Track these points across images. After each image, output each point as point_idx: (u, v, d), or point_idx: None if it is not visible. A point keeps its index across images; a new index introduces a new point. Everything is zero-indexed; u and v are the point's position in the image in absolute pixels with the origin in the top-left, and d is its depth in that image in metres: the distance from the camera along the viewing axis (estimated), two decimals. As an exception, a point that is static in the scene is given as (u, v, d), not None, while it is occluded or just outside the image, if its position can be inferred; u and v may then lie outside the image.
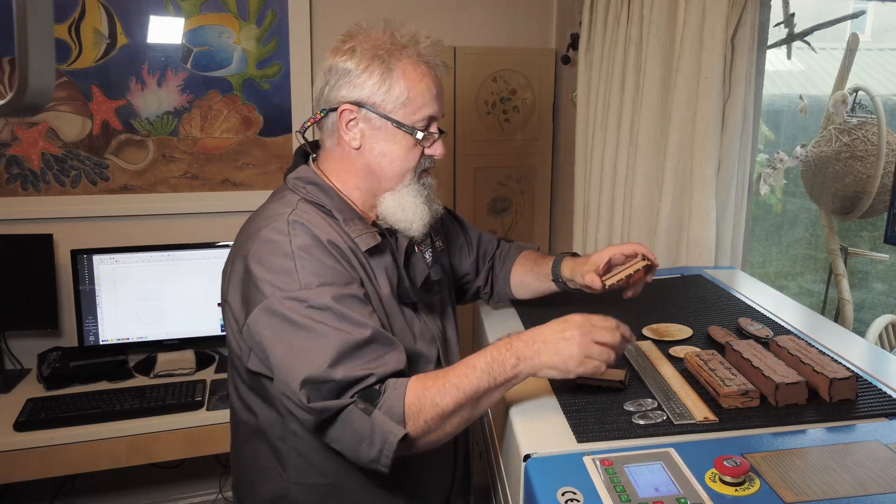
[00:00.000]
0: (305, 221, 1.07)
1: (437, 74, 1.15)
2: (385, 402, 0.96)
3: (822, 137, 1.93)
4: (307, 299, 0.99)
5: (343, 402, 0.96)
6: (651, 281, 1.29)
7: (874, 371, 1.09)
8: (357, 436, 0.96)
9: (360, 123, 1.11)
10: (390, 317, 1.13)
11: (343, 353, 0.97)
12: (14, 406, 1.99)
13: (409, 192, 1.13)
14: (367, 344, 0.99)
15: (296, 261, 1.02)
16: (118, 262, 2.20)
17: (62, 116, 2.22)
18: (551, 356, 0.96)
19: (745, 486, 0.79)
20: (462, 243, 1.43)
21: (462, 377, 0.97)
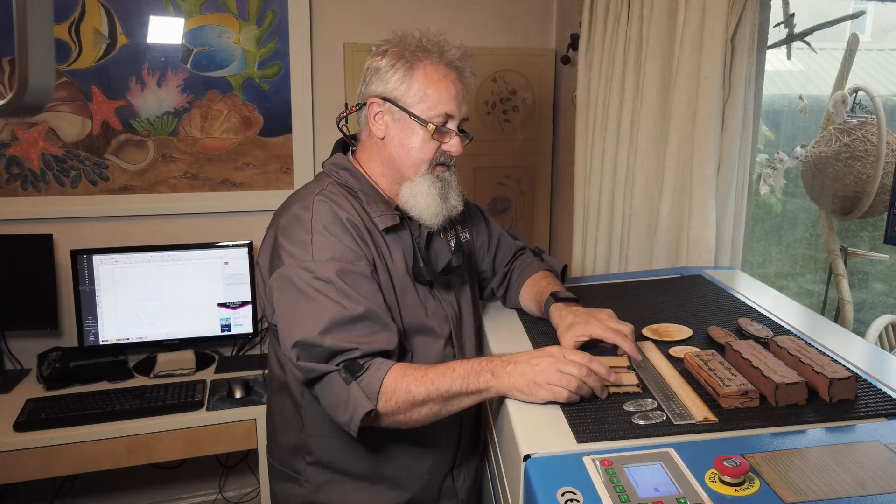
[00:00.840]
0: (329, 200, 1.20)
1: (462, 79, 1.25)
2: (365, 378, 1.08)
3: (822, 137, 1.93)
4: (315, 270, 1.12)
5: (328, 368, 1.09)
6: None
7: (874, 371, 1.09)
8: (335, 399, 1.09)
9: (386, 116, 1.24)
10: (404, 292, 1.23)
11: (336, 323, 1.09)
12: (14, 406, 1.99)
13: (423, 182, 1.24)
14: (359, 319, 1.11)
15: (312, 235, 1.16)
16: (118, 263, 2.20)
17: (62, 116, 2.23)
18: (519, 379, 1.03)
19: (745, 486, 0.79)
20: (483, 242, 1.51)
21: (440, 375, 1.08)
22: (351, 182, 1.26)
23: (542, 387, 1.01)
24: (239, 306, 2.31)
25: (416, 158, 1.24)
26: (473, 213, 1.51)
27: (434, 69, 1.22)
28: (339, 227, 1.17)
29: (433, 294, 1.29)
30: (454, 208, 1.28)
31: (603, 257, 2.15)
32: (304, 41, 2.38)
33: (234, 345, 2.47)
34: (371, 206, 1.24)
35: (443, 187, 1.25)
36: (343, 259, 1.14)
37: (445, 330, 1.29)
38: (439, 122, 1.22)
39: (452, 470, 1.37)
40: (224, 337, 2.33)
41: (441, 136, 1.24)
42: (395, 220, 1.24)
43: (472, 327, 1.37)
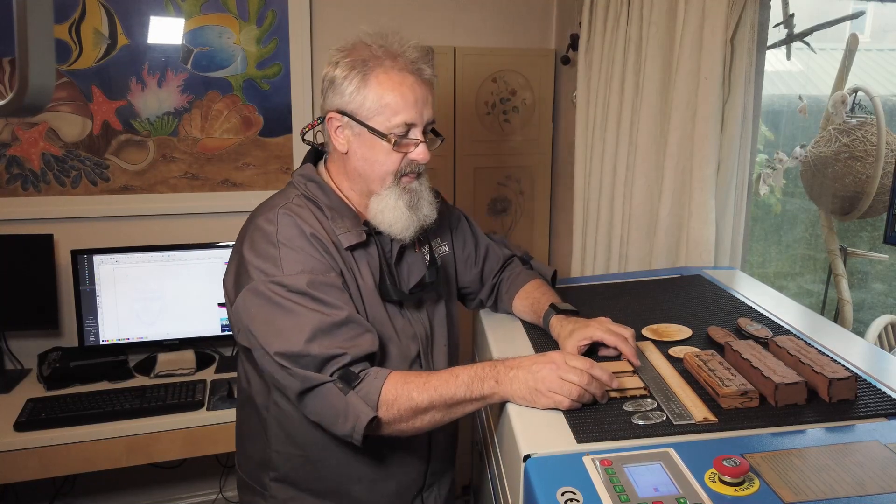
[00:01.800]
0: (294, 213, 1.17)
1: (422, 81, 1.19)
2: (363, 388, 1.06)
3: (822, 138, 1.93)
4: (288, 284, 1.10)
5: (323, 378, 1.06)
6: None
7: (873, 371, 1.09)
8: (333, 411, 1.06)
9: (346, 130, 1.20)
10: (371, 309, 1.20)
11: (318, 331, 1.07)
12: (14, 406, 1.99)
13: (389, 196, 1.20)
14: (342, 325, 1.09)
15: (280, 249, 1.13)
16: (118, 263, 2.20)
17: (62, 117, 2.23)
18: (521, 386, 1.03)
19: (745, 486, 0.79)
20: (469, 254, 1.46)
21: (443, 382, 1.06)
22: (318, 195, 1.22)
23: (543, 394, 1.01)
24: (239, 306, 2.30)
25: (380, 172, 1.19)
26: (457, 223, 1.46)
27: (388, 76, 1.15)
28: (303, 241, 1.15)
29: (402, 312, 1.25)
30: (426, 217, 1.23)
31: (603, 257, 2.15)
32: (304, 41, 2.39)
33: (234, 345, 2.47)
34: (336, 222, 1.20)
35: (411, 199, 1.20)
36: (313, 271, 1.12)
37: (413, 349, 1.26)
38: (400, 133, 1.17)
39: (422, 492, 1.34)
40: (224, 337, 2.34)
41: (405, 147, 1.18)
42: (360, 238, 1.20)
43: (444, 345, 1.33)
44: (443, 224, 1.39)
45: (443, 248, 1.38)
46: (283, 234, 1.15)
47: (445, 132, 2.54)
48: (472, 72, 2.55)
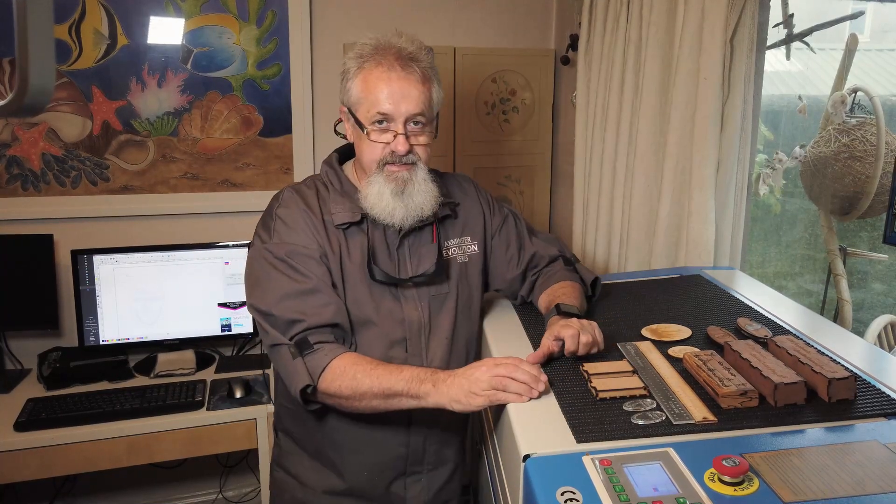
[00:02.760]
0: (297, 192, 1.32)
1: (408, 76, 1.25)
2: (312, 358, 1.19)
3: (821, 138, 1.93)
4: (273, 250, 1.25)
5: (283, 340, 1.21)
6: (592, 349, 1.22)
7: (873, 371, 1.09)
8: (285, 371, 1.22)
9: (347, 122, 1.33)
10: (354, 285, 1.28)
11: (286, 295, 1.22)
12: (14, 406, 1.99)
13: (375, 182, 1.27)
14: (308, 293, 1.22)
15: (275, 221, 1.28)
16: (118, 263, 2.20)
17: (62, 117, 2.23)
18: (457, 391, 1.10)
19: (744, 485, 0.80)
20: (513, 256, 1.48)
21: (387, 373, 1.16)
22: (332, 180, 1.35)
23: (477, 395, 1.07)
24: (239, 306, 2.31)
25: (367, 160, 1.28)
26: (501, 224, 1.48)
27: (371, 72, 1.25)
28: (296, 216, 1.27)
29: (395, 294, 1.31)
30: (419, 207, 1.28)
31: (602, 257, 2.15)
32: (304, 41, 2.39)
33: (234, 345, 2.47)
34: (336, 202, 1.30)
35: (396, 187, 1.26)
36: (295, 243, 1.25)
37: (398, 332, 1.31)
38: (376, 122, 1.25)
39: (404, 477, 1.38)
40: (224, 337, 2.34)
41: (383, 136, 1.26)
42: (353, 218, 1.29)
43: (446, 338, 1.36)
44: (475, 224, 1.44)
45: (471, 248, 1.42)
46: (281, 210, 1.29)
47: (445, 132, 2.54)
48: (472, 72, 2.55)
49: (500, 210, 1.51)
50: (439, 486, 1.42)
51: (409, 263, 1.34)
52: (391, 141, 1.25)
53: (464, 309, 1.40)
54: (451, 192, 1.43)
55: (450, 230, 1.40)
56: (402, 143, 1.25)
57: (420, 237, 1.35)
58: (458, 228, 1.41)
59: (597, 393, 1.05)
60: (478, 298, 1.44)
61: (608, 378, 1.09)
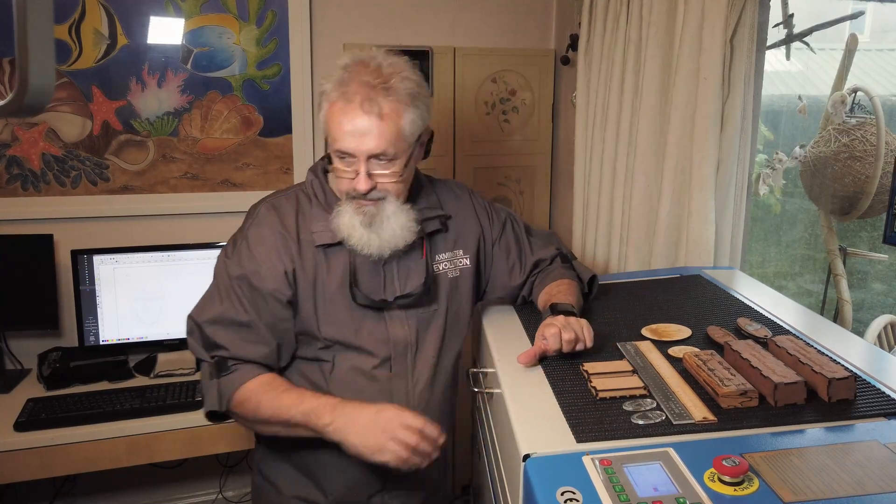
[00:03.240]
0: (274, 209, 1.28)
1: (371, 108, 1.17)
2: (226, 381, 1.22)
3: (821, 138, 1.93)
4: (228, 270, 1.25)
5: (204, 356, 1.24)
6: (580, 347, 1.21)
7: (873, 371, 1.09)
8: (201, 386, 1.27)
9: None
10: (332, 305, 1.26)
11: (220, 319, 1.23)
12: (14, 406, 1.99)
13: (345, 211, 1.23)
14: (243, 326, 1.23)
15: (243, 240, 1.27)
16: (118, 263, 2.20)
17: (62, 117, 2.23)
18: (355, 439, 1.13)
19: (744, 485, 0.80)
20: (514, 263, 1.46)
21: (289, 404, 1.18)
22: (317, 191, 1.30)
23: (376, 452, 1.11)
24: (239, 306, 2.31)
25: (338, 188, 1.27)
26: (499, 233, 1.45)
27: (335, 104, 1.19)
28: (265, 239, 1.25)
29: (380, 313, 1.29)
30: (392, 240, 1.24)
31: (602, 257, 2.15)
32: (304, 41, 2.39)
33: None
34: (317, 218, 1.26)
35: (365, 219, 1.22)
36: (249, 272, 1.23)
37: (382, 351, 1.29)
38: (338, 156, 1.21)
39: (382, 493, 1.36)
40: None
41: (341, 172, 1.22)
42: (333, 239, 1.24)
43: (433, 357, 1.34)
44: (468, 237, 1.40)
45: (462, 262, 1.38)
46: (252, 230, 1.27)
47: (445, 132, 2.55)
48: (472, 72, 2.55)
49: (499, 216, 1.47)
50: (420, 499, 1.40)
51: (396, 281, 1.31)
52: (354, 177, 1.20)
53: (452, 326, 1.37)
54: (444, 202, 1.39)
55: (441, 244, 1.36)
56: (362, 183, 1.20)
57: (409, 252, 1.31)
58: (450, 242, 1.38)
59: (597, 393, 1.05)
60: (467, 313, 1.41)
61: (608, 378, 1.09)
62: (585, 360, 1.16)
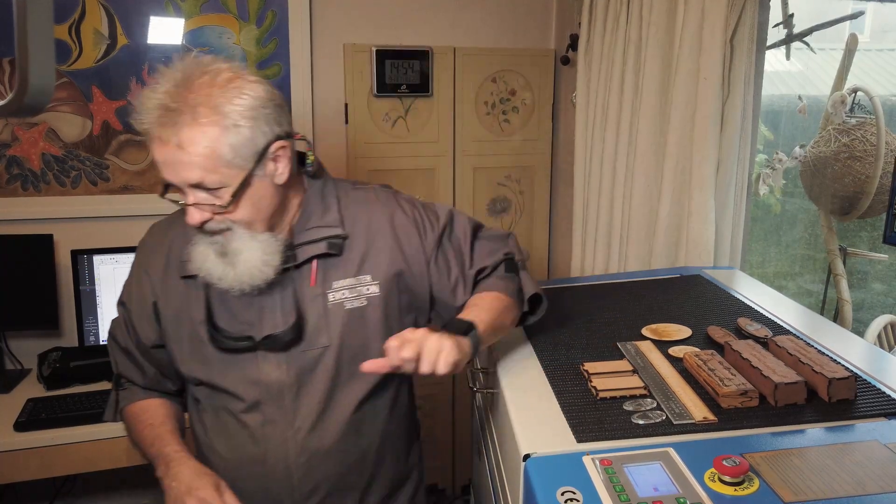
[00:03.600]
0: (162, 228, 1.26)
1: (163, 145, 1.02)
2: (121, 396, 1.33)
3: (821, 138, 1.93)
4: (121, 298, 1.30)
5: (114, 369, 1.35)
6: None
7: (873, 371, 1.09)
8: None
9: None
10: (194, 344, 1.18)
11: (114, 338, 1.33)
12: (14, 406, 1.99)
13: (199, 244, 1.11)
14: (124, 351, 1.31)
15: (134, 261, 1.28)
16: (119, 263, 2.20)
17: (62, 117, 2.23)
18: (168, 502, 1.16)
19: (745, 485, 0.80)
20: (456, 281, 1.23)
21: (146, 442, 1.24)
22: None
23: None
24: (239, 306, 2.31)
25: None
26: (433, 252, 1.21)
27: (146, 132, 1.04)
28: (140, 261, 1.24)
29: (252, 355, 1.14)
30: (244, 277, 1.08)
31: (602, 257, 2.15)
32: (304, 41, 2.38)
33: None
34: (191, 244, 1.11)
35: (217, 249, 1.08)
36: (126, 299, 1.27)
37: (252, 394, 1.14)
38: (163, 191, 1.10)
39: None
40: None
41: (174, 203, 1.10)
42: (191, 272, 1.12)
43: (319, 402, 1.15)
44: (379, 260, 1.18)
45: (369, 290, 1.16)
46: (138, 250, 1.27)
47: (446, 132, 2.55)
48: (472, 72, 2.55)
49: (433, 227, 1.22)
50: None
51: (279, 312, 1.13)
52: None
53: (350, 364, 1.15)
54: (349, 218, 1.17)
55: (339, 269, 1.15)
56: (192, 217, 1.06)
57: (294, 279, 1.13)
58: (352, 266, 1.16)
59: (597, 392, 1.05)
60: (377, 349, 1.10)
61: (608, 378, 1.09)
62: (586, 361, 1.16)
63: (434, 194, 2.59)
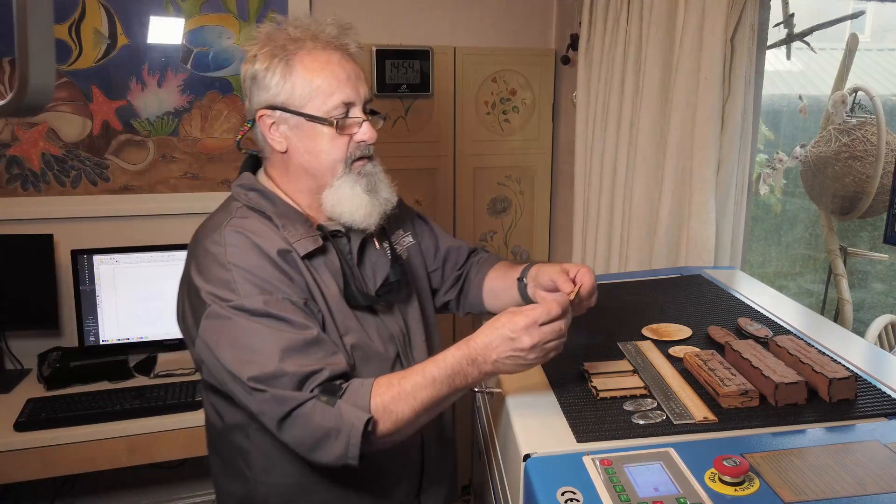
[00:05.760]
0: (243, 229, 1.08)
1: (349, 57, 1.12)
2: (351, 396, 0.98)
3: (822, 137, 1.93)
4: (248, 308, 1.01)
5: (304, 396, 0.97)
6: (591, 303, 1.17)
7: (873, 371, 1.09)
8: (321, 431, 0.96)
9: (281, 126, 1.11)
10: (340, 317, 1.12)
11: (290, 349, 0.99)
12: (14, 406, 1.99)
13: (344, 184, 1.11)
14: (313, 343, 1.01)
15: (231, 272, 1.03)
16: (118, 263, 2.20)
17: (62, 117, 2.23)
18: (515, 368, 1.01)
19: (745, 485, 0.79)
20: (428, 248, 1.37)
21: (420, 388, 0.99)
22: (263, 204, 1.12)
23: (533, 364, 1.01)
24: (239, 306, 2.31)
25: (328, 162, 1.11)
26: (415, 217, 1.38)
27: (312, 58, 1.08)
28: (257, 259, 1.05)
29: (374, 314, 1.18)
30: (387, 202, 1.15)
31: (603, 257, 2.15)
32: (304, 41, 2.38)
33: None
34: (288, 231, 1.09)
35: (368, 182, 1.12)
36: (272, 292, 1.03)
37: (391, 352, 1.18)
38: (340, 115, 1.09)
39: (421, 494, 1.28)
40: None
41: (348, 128, 1.10)
42: (316, 244, 1.10)
43: (423, 342, 1.24)
44: (403, 214, 1.31)
45: (406, 239, 1.30)
46: (233, 255, 1.05)
47: (446, 132, 2.55)
48: (472, 72, 2.55)
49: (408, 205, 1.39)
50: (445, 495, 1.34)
51: (368, 279, 1.20)
52: (356, 133, 1.11)
53: (425, 307, 1.29)
54: None
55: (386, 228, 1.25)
56: (372, 131, 1.12)
57: (367, 246, 1.21)
58: (391, 224, 1.26)
59: (597, 392, 1.05)
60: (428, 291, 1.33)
61: (608, 378, 1.09)
62: (586, 360, 1.16)
63: (434, 194, 2.59)
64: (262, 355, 0.98)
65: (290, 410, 0.97)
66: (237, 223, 1.09)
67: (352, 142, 1.12)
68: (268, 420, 1.00)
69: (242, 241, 1.06)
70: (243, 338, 1.00)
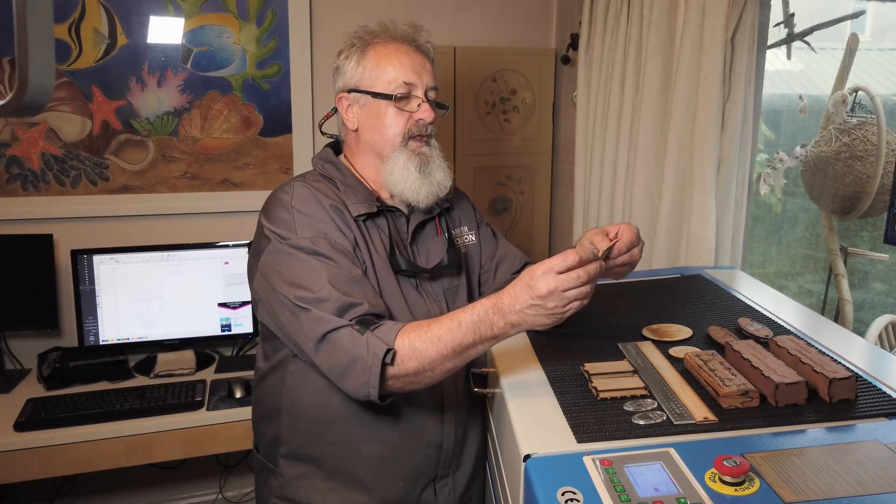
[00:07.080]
0: (309, 184, 1.24)
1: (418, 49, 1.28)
2: (380, 330, 1.06)
3: (822, 137, 1.93)
4: (302, 246, 1.15)
5: (341, 322, 1.07)
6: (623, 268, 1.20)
7: (874, 371, 1.09)
8: (347, 357, 1.06)
9: (354, 106, 1.28)
10: (382, 280, 1.22)
11: (336, 280, 1.11)
12: (14, 406, 1.99)
13: (398, 158, 1.24)
14: (358, 280, 1.14)
15: (294, 214, 1.19)
16: (118, 262, 2.20)
17: (62, 116, 2.23)
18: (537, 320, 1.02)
19: (745, 485, 0.79)
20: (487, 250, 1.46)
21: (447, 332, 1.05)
22: (333, 173, 1.28)
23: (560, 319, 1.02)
24: (239, 306, 2.31)
25: (389, 134, 1.24)
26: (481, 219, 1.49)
27: (384, 46, 1.25)
28: (318, 209, 1.20)
29: (418, 290, 1.27)
30: (440, 185, 1.26)
31: (603, 257, 2.15)
32: (304, 41, 2.38)
33: (234, 345, 2.47)
34: (348, 196, 1.24)
35: (421, 162, 1.24)
36: (327, 236, 1.17)
37: None
38: (401, 93, 1.23)
39: (435, 483, 1.30)
40: (224, 337, 2.34)
41: (407, 104, 1.24)
42: (370, 208, 1.23)
43: None
44: (467, 214, 1.43)
45: (469, 237, 1.40)
46: (297, 202, 1.20)
47: (445, 132, 2.54)
48: (472, 71, 2.55)
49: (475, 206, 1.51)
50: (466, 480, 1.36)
51: (420, 258, 1.30)
52: (415, 111, 1.24)
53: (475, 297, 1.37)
54: None
55: (449, 221, 1.38)
56: (430, 111, 1.24)
57: (426, 230, 1.33)
58: (455, 219, 1.40)
59: (597, 393, 1.04)
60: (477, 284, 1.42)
61: (609, 378, 1.09)
62: (586, 361, 1.16)
63: (434, 194, 2.59)
64: (311, 282, 1.11)
65: (327, 332, 1.07)
66: (307, 181, 1.26)
67: (411, 119, 1.24)
68: (307, 344, 1.10)
69: (306, 193, 1.22)
70: (297, 268, 1.13)
